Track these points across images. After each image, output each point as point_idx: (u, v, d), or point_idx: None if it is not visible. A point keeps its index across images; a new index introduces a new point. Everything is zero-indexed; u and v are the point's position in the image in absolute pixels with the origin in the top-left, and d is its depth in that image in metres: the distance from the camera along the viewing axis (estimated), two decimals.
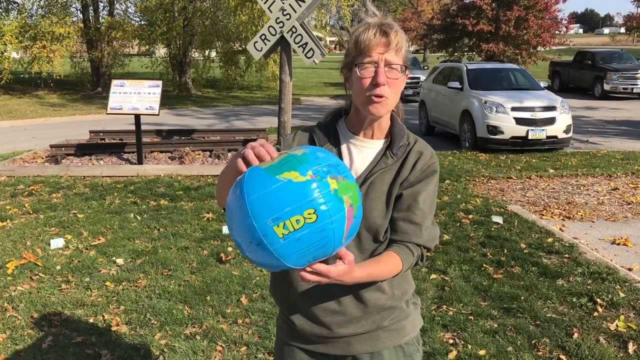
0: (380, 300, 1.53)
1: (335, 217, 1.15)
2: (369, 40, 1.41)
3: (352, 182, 1.22)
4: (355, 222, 1.22)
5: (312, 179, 1.15)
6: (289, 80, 7.90)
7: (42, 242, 5.07)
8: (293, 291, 1.56)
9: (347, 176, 1.22)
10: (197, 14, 21.23)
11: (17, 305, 3.85)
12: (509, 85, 10.89)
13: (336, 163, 1.22)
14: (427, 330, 3.46)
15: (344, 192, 1.18)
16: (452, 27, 22.55)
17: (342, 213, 1.16)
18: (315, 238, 1.15)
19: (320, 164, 1.19)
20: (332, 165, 1.20)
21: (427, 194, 1.51)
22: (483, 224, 5.55)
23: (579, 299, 3.89)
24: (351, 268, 1.27)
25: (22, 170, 7.86)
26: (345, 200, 1.17)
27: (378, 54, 1.42)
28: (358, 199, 1.22)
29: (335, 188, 1.17)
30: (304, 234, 1.14)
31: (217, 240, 5.08)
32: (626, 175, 7.89)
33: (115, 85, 8.32)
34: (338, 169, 1.21)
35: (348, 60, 1.48)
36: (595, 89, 19.46)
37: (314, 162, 1.19)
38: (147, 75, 20.62)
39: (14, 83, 21.76)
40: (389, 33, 1.42)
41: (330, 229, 1.15)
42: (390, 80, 1.43)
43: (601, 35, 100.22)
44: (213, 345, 3.33)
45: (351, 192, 1.20)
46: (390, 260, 1.44)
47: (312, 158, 1.20)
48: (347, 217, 1.18)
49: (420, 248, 1.51)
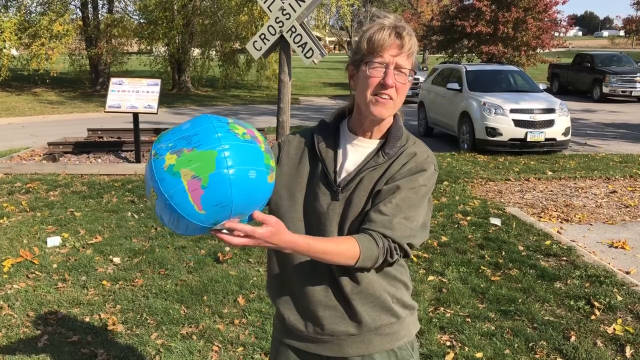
0: (373, 293, 1.50)
1: (170, 192, 1.18)
2: (383, 40, 1.39)
3: (203, 151, 1.18)
4: (210, 193, 1.17)
5: (152, 158, 1.21)
6: (288, 80, 7.89)
7: (39, 240, 5.05)
8: (287, 284, 1.56)
9: (199, 146, 1.19)
10: (196, 13, 21.21)
11: (12, 303, 3.84)
12: (508, 87, 10.89)
13: (194, 133, 1.21)
14: (424, 332, 3.46)
15: (183, 166, 1.17)
16: (451, 29, 22.56)
17: (179, 187, 1.17)
18: (167, 213, 1.21)
19: (171, 139, 1.21)
20: (184, 137, 1.21)
21: (409, 192, 1.43)
22: (481, 225, 5.54)
23: (577, 301, 3.89)
24: (278, 230, 1.25)
25: (19, 168, 7.84)
26: (183, 173, 1.17)
27: (390, 56, 1.40)
28: (211, 168, 1.17)
29: (170, 164, 1.18)
30: (159, 209, 1.22)
31: (214, 240, 5.07)
32: (624, 178, 7.89)
33: (114, 83, 8.30)
34: (190, 140, 1.20)
35: (357, 57, 1.45)
36: (594, 92, 19.47)
37: (167, 138, 1.22)
38: (145, 73, 20.62)
39: (13, 80, 21.73)
40: (404, 36, 1.40)
41: (170, 205, 1.19)
42: (398, 84, 1.42)
43: (600, 38, 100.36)
44: (209, 346, 3.32)
45: (197, 163, 1.17)
46: (343, 242, 1.37)
47: (170, 133, 1.23)
48: (190, 189, 1.17)
49: (388, 241, 1.40)
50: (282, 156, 1.59)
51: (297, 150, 1.58)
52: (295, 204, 1.53)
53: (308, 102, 19.90)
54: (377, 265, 1.42)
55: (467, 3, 22.46)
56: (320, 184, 1.51)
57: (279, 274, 1.59)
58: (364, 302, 1.51)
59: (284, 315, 1.58)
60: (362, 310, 1.51)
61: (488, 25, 20.97)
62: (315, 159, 1.54)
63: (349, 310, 1.51)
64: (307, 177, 1.54)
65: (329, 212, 1.49)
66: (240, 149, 1.22)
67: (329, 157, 1.52)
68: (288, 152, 1.59)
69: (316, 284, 1.51)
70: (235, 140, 1.23)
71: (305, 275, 1.52)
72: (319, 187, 1.51)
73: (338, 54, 61.37)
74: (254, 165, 1.23)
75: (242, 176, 1.21)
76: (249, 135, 1.27)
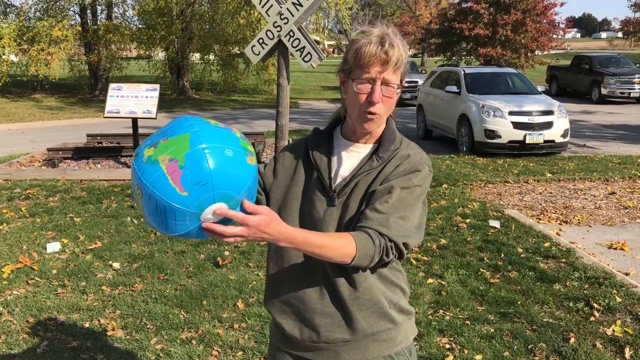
0: (370, 299, 1.50)
1: (151, 180, 1.22)
2: (369, 57, 1.39)
3: (177, 137, 1.24)
4: (189, 171, 1.20)
5: (133, 159, 1.28)
6: (286, 84, 7.89)
7: (39, 246, 5.05)
8: (283, 291, 1.56)
9: (173, 134, 1.25)
10: (195, 18, 21.25)
11: (12, 309, 3.84)
12: (506, 90, 10.91)
13: (168, 127, 1.28)
14: (423, 335, 3.46)
15: (160, 153, 1.23)
16: (449, 32, 22.64)
17: (158, 173, 1.21)
18: (152, 207, 1.24)
19: (149, 139, 1.29)
20: (160, 133, 1.29)
21: (404, 192, 1.44)
22: (480, 228, 5.55)
23: (576, 303, 3.89)
24: (272, 219, 1.24)
25: (19, 174, 7.85)
26: (161, 160, 1.22)
27: (376, 72, 1.41)
28: (186, 148, 1.22)
29: (148, 155, 1.24)
30: (146, 207, 1.26)
31: (213, 245, 5.07)
32: (623, 180, 7.90)
33: (113, 88, 8.32)
34: (165, 132, 1.27)
35: (346, 68, 1.47)
36: (593, 94, 19.50)
37: (145, 142, 1.28)
38: (144, 78, 20.61)
39: (12, 86, 21.75)
40: (389, 50, 1.40)
41: (153, 194, 1.22)
42: (385, 98, 1.43)
43: (598, 40, 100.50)
44: (209, 350, 3.32)
45: (172, 147, 1.23)
46: (340, 237, 1.35)
47: (154, 136, 1.29)
48: (169, 172, 1.21)
49: (384, 239, 1.39)
50: (277, 168, 1.60)
51: (291, 161, 1.59)
52: (292, 213, 1.53)
53: (307, 106, 19.92)
54: (372, 264, 1.40)
55: (465, 6, 22.52)
56: (316, 191, 1.51)
57: (276, 280, 1.59)
58: (362, 309, 1.51)
59: (281, 324, 1.58)
60: (359, 316, 1.51)
61: (486, 28, 21.02)
62: (310, 167, 1.55)
63: (345, 317, 1.51)
64: (303, 186, 1.54)
65: (326, 218, 1.49)
66: (213, 131, 1.27)
67: (323, 164, 1.53)
68: (283, 163, 1.60)
69: (312, 290, 1.51)
70: (207, 125, 1.28)
71: (302, 281, 1.52)
72: (314, 194, 1.51)
73: (337, 57, 61.43)
74: (230, 145, 1.26)
75: (218, 153, 1.23)
76: (223, 126, 1.32)
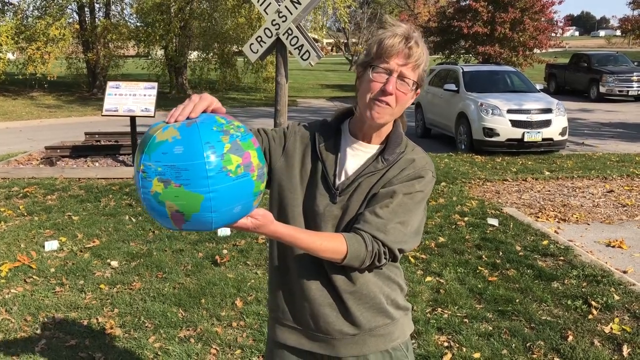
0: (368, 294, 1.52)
1: (154, 212, 1.21)
2: (391, 47, 1.40)
3: (190, 192, 1.15)
4: (192, 225, 1.20)
5: (139, 174, 1.19)
6: (284, 82, 7.89)
7: (37, 245, 5.04)
8: (286, 277, 1.58)
9: (187, 185, 1.14)
10: (193, 16, 21.21)
11: (10, 308, 3.83)
12: (505, 88, 10.92)
13: (184, 167, 1.14)
14: (421, 333, 3.46)
15: (168, 198, 1.16)
16: (448, 30, 22.59)
17: (162, 212, 1.19)
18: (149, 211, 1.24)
19: (161, 161, 1.16)
20: (174, 167, 1.15)
21: (405, 197, 1.45)
22: (478, 226, 5.55)
23: (574, 301, 3.90)
24: (264, 222, 1.31)
25: (16, 172, 7.83)
26: (168, 205, 1.17)
27: (396, 64, 1.41)
28: (195, 210, 1.17)
29: (157, 191, 1.17)
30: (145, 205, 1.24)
31: (212, 243, 5.07)
32: (621, 178, 7.91)
33: (111, 86, 8.30)
34: (180, 175, 1.14)
35: (366, 59, 1.47)
36: (591, 92, 19.51)
37: (157, 158, 1.16)
38: (143, 76, 20.57)
39: (9, 84, 21.69)
40: (413, 47, 1.41)
41: (154, 218, 1.24)
42: (399, 92, 1.43)
43: (597, 38, 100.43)
44: (207, 349, 3.32)
45: (182, 202, 1.15)
46: (331, 239, 1.39)
47: (159, 151, 1.16)
48: (173, 217, 1.19)
49: (378, 244, 1.41)
50: (288, 146, 1.58)
51: (301, 145, 1.58)
52: (299, 198, 1.54)
53: (305, 104, 19.92)
54: (363, 266, 1.44)
55: (463, 4, 22.48)
56: (320, 185, 1.52)
57: (279, 266, 1.60)
58: (359, 303, 1.52)
59: (279, 306, 1.60)
60: (356, 310, 1.52)
61: (485, 26, 21.00)
62: (316, 158, 1.55)
63: (343, 310, 1.53)
64: (309, 176, 1.55)
65: (325, 214, 1.50)
66: (229, 190, 1.18)
67: (329, 159, 1.53)
68: (294, 144, 1.58)
69: (313, 280, 1.53)
70: (225, 181, 1.17)
71: (304, 271, 1.54)
72: (317, 188, 1.52)
73: (335, 55, 61.42)
74: (241, 201, 1.22)
75: (226, 214, 1.22)
76: (243, 166, 1.20)
